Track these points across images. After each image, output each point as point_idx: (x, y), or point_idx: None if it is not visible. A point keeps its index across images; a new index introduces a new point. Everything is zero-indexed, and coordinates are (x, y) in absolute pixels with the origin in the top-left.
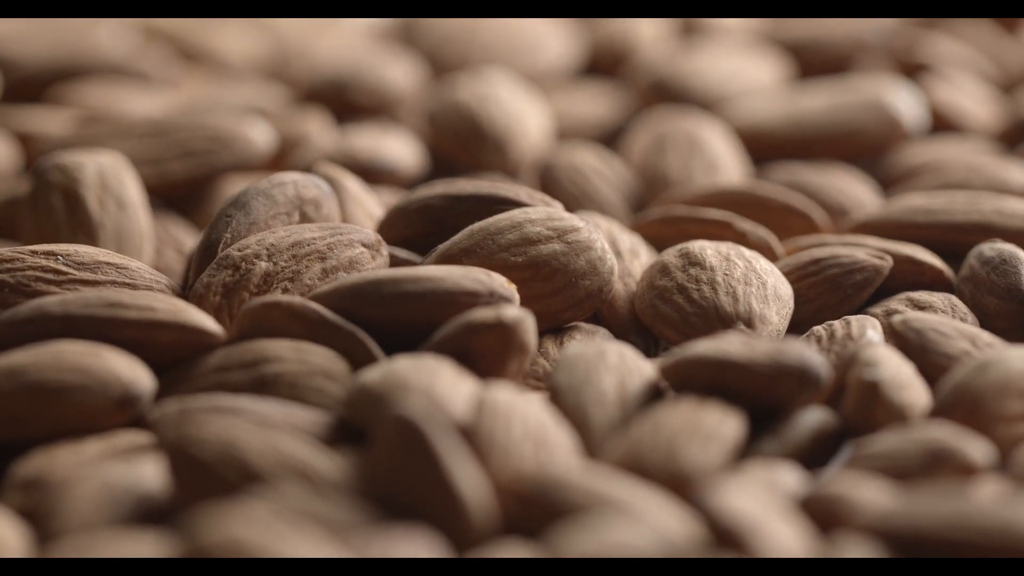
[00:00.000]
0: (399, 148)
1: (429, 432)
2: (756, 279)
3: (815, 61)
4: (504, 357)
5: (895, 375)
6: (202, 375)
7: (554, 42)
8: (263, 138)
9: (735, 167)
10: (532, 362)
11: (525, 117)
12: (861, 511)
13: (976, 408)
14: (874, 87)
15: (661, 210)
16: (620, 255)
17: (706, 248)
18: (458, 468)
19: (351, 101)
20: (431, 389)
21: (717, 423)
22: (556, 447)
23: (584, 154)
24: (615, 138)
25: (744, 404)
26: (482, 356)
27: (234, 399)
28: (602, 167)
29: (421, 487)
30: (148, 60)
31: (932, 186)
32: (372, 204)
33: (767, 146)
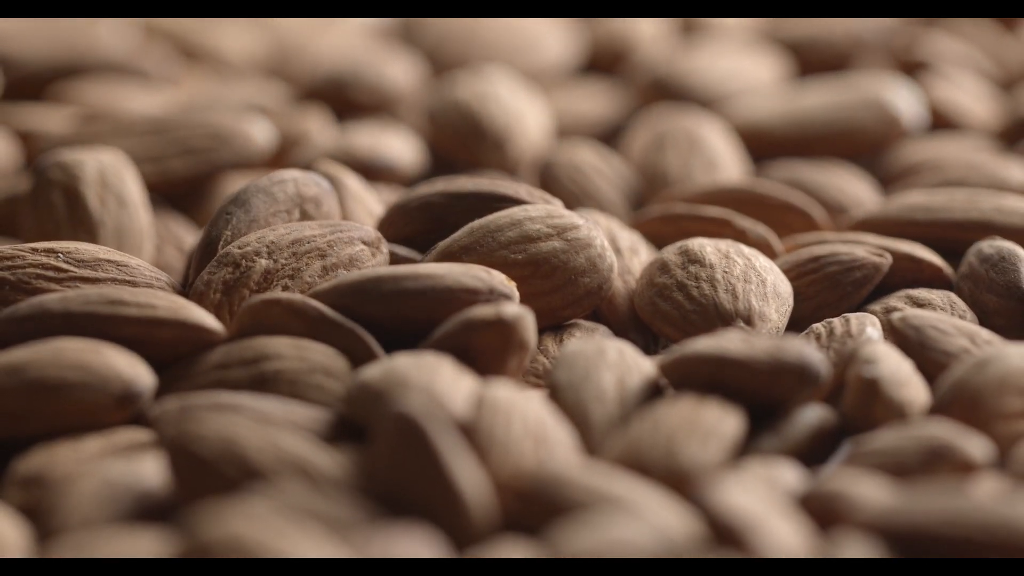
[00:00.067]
0: (399, 146)
1: (429, 429)
2: (755, 276)
3: (815, 59)
4: (504, 354)
5: (894, 372)
6: (202, 372)
7: (554, 40)
8: (263, 136)
9: (735, 165)
10: (532, 359)
11: (525, 115)
12: (860, 508)
13: (975, 405)
14: (873, 85)
15: (661, 208)
16: (620, 253)
17: (705, 246)
18: (458, 465)
19: (351, 99)
20: (431, 386)
21: (716, 420)
22: (556, 444)
23: (584, 152)
24: (615, 136)
25: (743, 401)
26: (482, 353)
27: (234, 396)
28: (602, 165)
29: (421, 484)
30: (148, 58)
31: (931, 184)
32: (372, 202)
33: (766, 144)
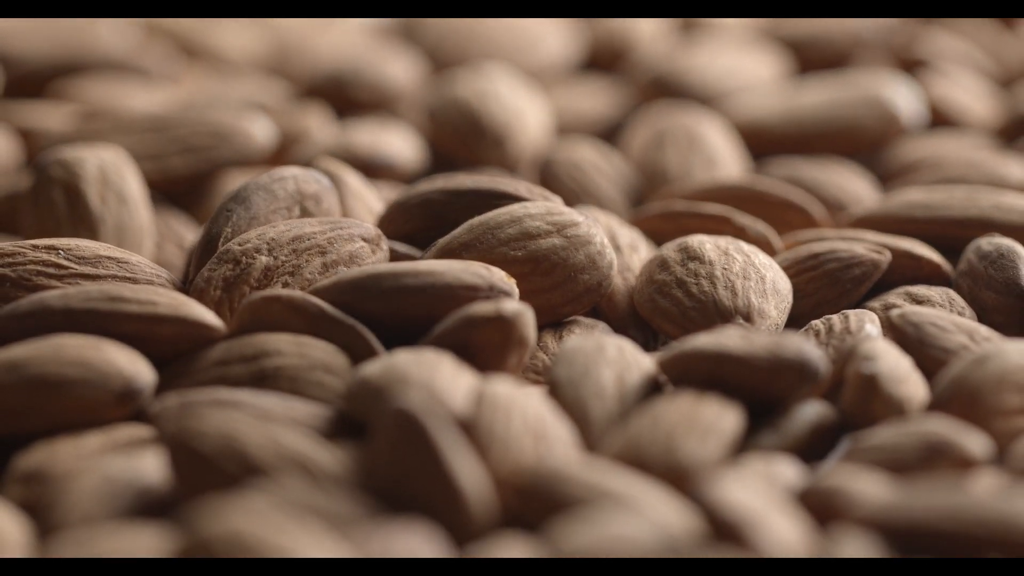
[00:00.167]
0: (399, 143)
1: (429, 425)
2: (755, 273)
3: (814, 57)
4: (504, 351)
5: (893, 369)
6: (203, 369)
7: (553, 38)
8: (263, 133)
9: (734, 162)
10: (531, 356)
11: (524, 113)
12: (859, 504)
13: (974, 402)
14: (873, 83)
15: (660, 205)
16: (619, 250)
17: (705, 242)
18: (458, 461)
19: (351, 97)
20: (431, 383)
21: (716, 417)
22: (555, 440)
23: (584, 149)
24: (614, 133)
25: (743, 398)
26: (482, 350)
27: (234, 393)
28: (601, 162)
29: (421, 480)
30: (149, 56)
31: (930, 181)
32: (372, 199)
33: (766, 141)
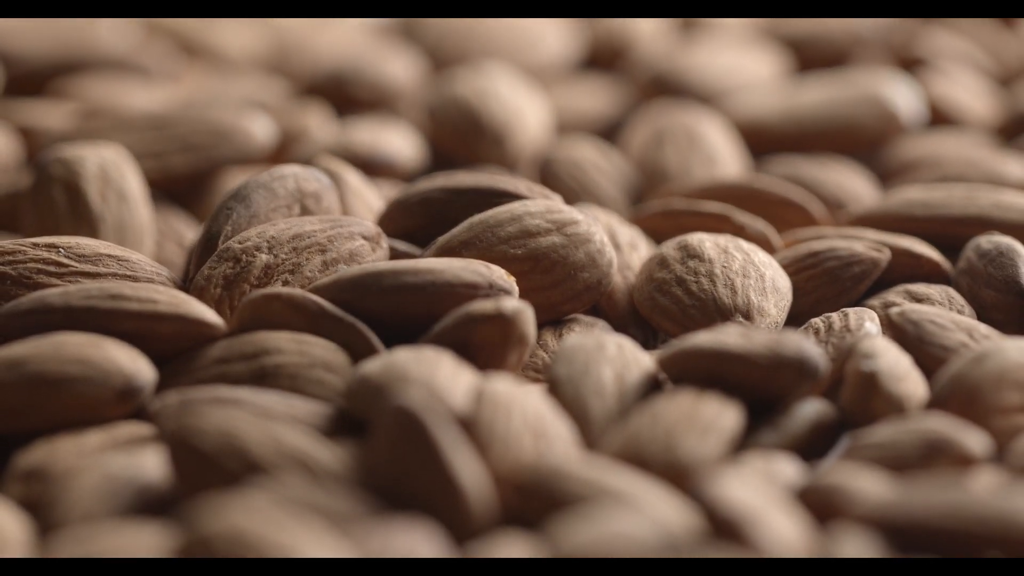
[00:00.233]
0: (399, 142)
1: (429, 423)
2: (754, 271)
3: (813, 56)
4: (503, 349)
5: (892, 367)
6: (203, 367)
7: (553, 37)
8: (263, 132)
9: (733, 161)
10: (531, 354)
11: (524, 111)
12: (859, 502)
13: (973, 399)
14: (872, 81)
15: (660, 203)
16: (619, 248)
17: (704, 241)
18: (458, 459)
19: (351, 95)
20: (431, 381)
21: (715, 414)
22: (555, 438)
23: (583, 148)
24: (614, 132)
25: (742, 396)
26: (482, 348)
27: (235, 391)
28: (601, 161)
29: (421, 478)
30: (149, 54)
31: (930, 180)
32: (372, 197)
33: (765, 140)
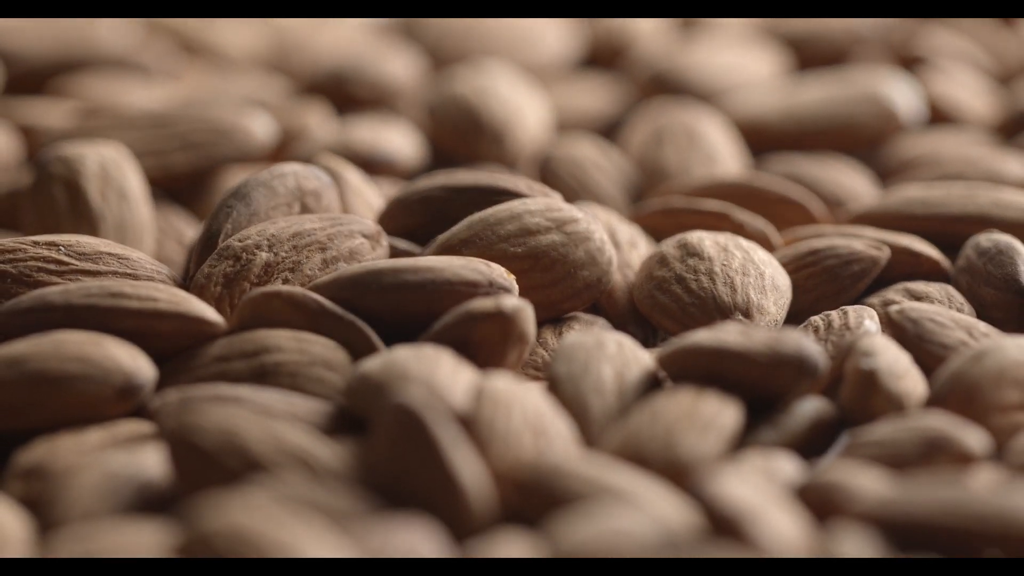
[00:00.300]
0: (399, 140)
1: (429, 421)
2: (754, 269)
3: (813, 54)
4: (503, 347)
5: (892, 364)
6: (203, 365)
7: (553, 35)
8: (264, 130)
9: (733, 159)
10: (531, 352)
11: (524, 109)
12: (858, 499)
13: (972, 397)
14: (871, 80)
15: (659, 201)
16: (619, 246)
17: (704, 239)
18: (458, 457)
19: (351, 93)
20: (431, 378)
21: (715, 412)
22: (555, 436)
23: (583, 146)
24: (614, 130)
25: (742, 393)
26: (482, 346)
27: (235, 388)
28: (601, 159)
29: (421, 476)
30: (149, 53)
31: (929, 178)
32: (372, 195)
33: (765, 138)
